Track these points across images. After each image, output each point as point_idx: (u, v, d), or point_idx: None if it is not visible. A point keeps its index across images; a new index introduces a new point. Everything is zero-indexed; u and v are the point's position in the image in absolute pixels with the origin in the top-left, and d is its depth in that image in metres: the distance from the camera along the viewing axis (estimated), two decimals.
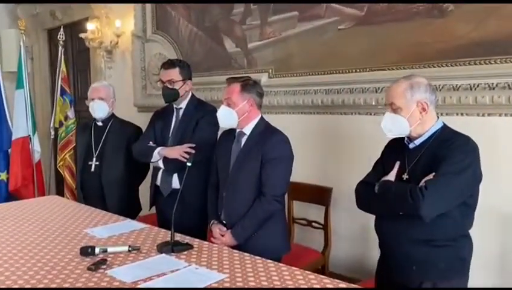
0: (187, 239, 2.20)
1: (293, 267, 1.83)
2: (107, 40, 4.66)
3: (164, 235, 2.30)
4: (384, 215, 1.81)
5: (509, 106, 2.26)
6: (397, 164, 1.80)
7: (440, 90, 2.48)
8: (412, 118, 1.74)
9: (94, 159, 3.04)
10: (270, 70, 3.38)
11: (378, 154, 2.84)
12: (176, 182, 2.65)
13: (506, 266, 2.37)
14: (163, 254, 2.00)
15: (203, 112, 2.66)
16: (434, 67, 2.53)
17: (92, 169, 3.03)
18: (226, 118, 2.31)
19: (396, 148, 1.87)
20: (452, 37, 2.46)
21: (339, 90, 2.97)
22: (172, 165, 2.60)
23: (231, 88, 2.32)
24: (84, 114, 5.24)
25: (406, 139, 1.82)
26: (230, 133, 2.43)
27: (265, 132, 2.32)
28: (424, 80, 1.77)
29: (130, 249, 2.03)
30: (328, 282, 1.68)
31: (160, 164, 2.64)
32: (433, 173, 1.63)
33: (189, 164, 2.16)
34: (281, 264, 1.87)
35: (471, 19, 2.39)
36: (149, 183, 3.12)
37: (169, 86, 2.65)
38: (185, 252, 2.03)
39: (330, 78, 3.00)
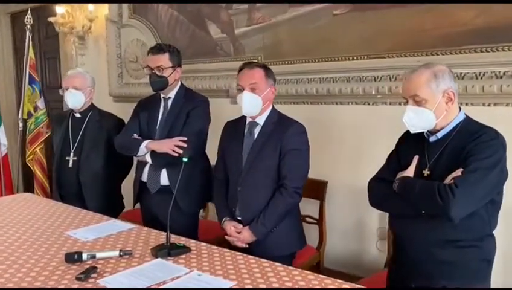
0: (182, 240, 2.02)
1: (306, 271, 1.69)
2: (78, 25, 4.34)
3: (156, 236, 2.11)
4: (403, 214, 1.67)
5: None
6: (415, 159, 1.66)
7: None
8: (438, 110, 1.60)
9: (72, 154, 2.79)
10: (259, 58, 3.20)
11: (377, 147, 2.74)
12: (164, 178, 2.45)
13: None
14: (159, 259, 1.81)
15: (194, 102, 2.46)
16: (437, 55, 2.42)
17: (70, 165, 2.78)
18: (251, 105, 2.13)
19: (413, 141, 1.73)
20: (456, 24, 2.36)
21: (335, 78, 2.83)
22: (161, 160, 2.40)
23: (255, 73, 2.15)
24: (54, 104, 4.94)
25: (425, 131, 1.69)
26: (237, 124, 2.28)
27: (281, 122, 2.19)
28: (446, 68, 1.64)
29: (121, 253, 1.84)
30: (347, 287, 1.55)
31: (148, 159, 2.43)
32: (461, 169, 1.50)
33: (185, 160, 1.96)
34: (291, 268, 1.72)
35: (476, 5, 2.28)
36: (131, 179, 2.92)
37: (158, 73, 2.43)
38: (183, 256, 1.84)
39: (325, 66, 2.86)
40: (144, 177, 2.51)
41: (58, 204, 2.67)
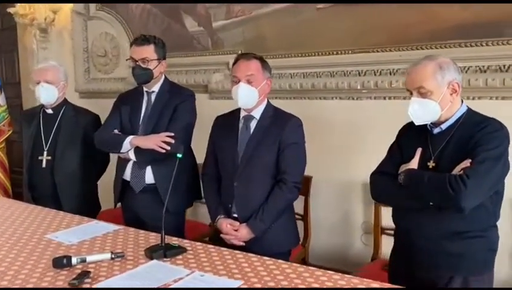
0: (175, 240, 1.93)
1: (311, 267, 1.65)
2: (40, 17, 4.09)
3: (145, 237, 2.01)
4: (409, 207, 1.66)
5: (503, 89, 2.23)
6: (419, 151, 1.66)
7: None
8: (443, 102, 1.60)
9: (45, 153, 2.61)
10: (240, 52, 3.13)
11: (361, 141, 2.75)
12: (149, 176, 2.33)
13: None
14: (155, 261, 1.72)
15: (181, 97, 2.36)
16: (422, 49, 2.45)
17: (43, 165, 2.60)
18: (248, 97, 2.06)
19: (415, 133, 1.73)
20: (441, 19, 2.40)
21: (319, 73, 2.82)
22: (146, 157, 2.28)
23: (251, 64, 2.08)
24: (12, 101, 4.63)
25: (429, 123, 1.68)
26: (229, 118, 2.21)
27: (278, 115, 2.13)
28: (450, 59, 1.65)
29: (113, 256, 1.73)
30: (357, 282, 1.52)
31: (131, 156, 2.30)
32: (469, 160, 1.51)
33: (179, 156, 1.87)
34: (296, 265, 1.68)
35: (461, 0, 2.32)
36: (106, 178, 2.79)
37: (143, 66, 2.31)
38: (180, 257, 1.76)
39: (309, 61, 2.84)
40: (127, 176, 2.38)
41: (31, 206, 2.49)
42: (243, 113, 2.15)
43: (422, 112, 1.61)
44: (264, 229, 2.05)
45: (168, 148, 2.22)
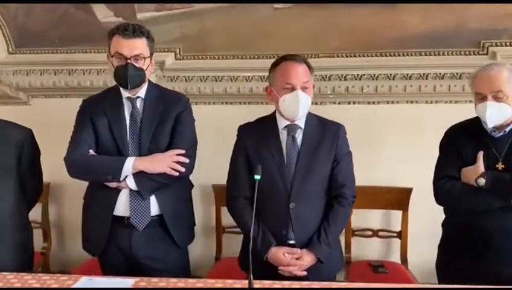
0: (230, 283, 1.57)
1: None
2: None
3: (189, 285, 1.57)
4: (488, 208, 1.71)
5: (463, 94, 2.53)
6: (481, 154, 1.74)
7: (393, 78, 2.59)
8: None
9: None
10: (178, 50, 2.73)
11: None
12: (155, 207, 1.82)
13: None
14: None
15: (180, 104, 1.88)
16: (386, 56, 2.59)
17: None
18: (306, 108, 1.81)
19: (471, 137, 1.80)
20: (402, 28, 2.55)
21: None
22: (151, 184, 1.78)
23: (302, 68, 1.80)
24: None
25: (491, 127, 1.74)
26: (262, 127, 1.90)
27: (324, 124, 1.92)
28: None
29: None
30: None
31: (130, 183, 1.75)
32: None
33: (258, 177, 1.50)
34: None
35: (420, 12, 2.53)
36: None
37: (136, 65, 1.76)
38: None
39: (265, 64, 2.65)
40: (121, 210, 1.79)
41: None
42: (283, 123, 1.86)
43: (498, 116, 1.70)
44: (330, 252, 1.81)
45: (183, 169, 1.79)
